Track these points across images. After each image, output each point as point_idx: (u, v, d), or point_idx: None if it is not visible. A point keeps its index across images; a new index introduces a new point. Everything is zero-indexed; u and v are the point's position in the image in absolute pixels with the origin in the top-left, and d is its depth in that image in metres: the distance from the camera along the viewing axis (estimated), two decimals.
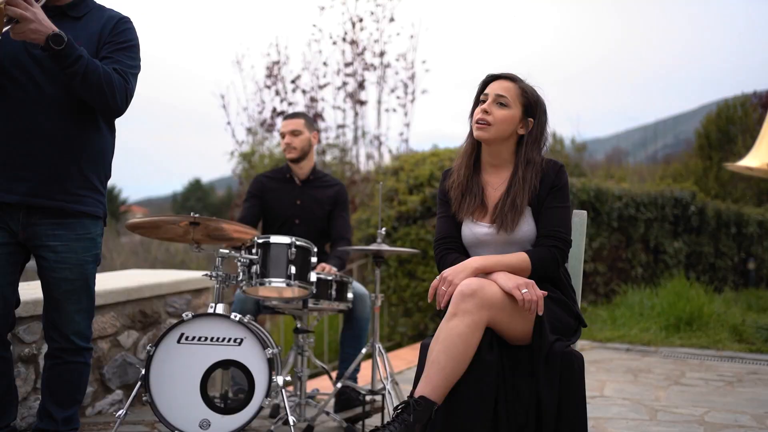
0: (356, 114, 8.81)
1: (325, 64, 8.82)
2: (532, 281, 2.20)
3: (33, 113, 2.43)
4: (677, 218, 9.27)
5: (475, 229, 2.42)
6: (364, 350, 3.49)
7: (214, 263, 3.16)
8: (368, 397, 3.47)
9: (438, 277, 2.29)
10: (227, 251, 3.14)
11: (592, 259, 8.08)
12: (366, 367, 3.90)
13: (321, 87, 8.87)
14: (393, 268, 6.70)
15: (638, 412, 3.92)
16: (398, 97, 8.78)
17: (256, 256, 3.13)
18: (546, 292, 2.21)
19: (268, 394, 2.89)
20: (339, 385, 3.43)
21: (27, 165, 2.44)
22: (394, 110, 8.81)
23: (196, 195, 41.33)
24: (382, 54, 8.74)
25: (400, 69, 8.78)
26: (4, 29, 2.26)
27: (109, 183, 2.72)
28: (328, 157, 8.99)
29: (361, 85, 8.74)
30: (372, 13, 8.70)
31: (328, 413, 3.39)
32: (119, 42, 2.55)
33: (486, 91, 2.41)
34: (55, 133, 2.45)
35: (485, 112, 2.37)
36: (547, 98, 2.47)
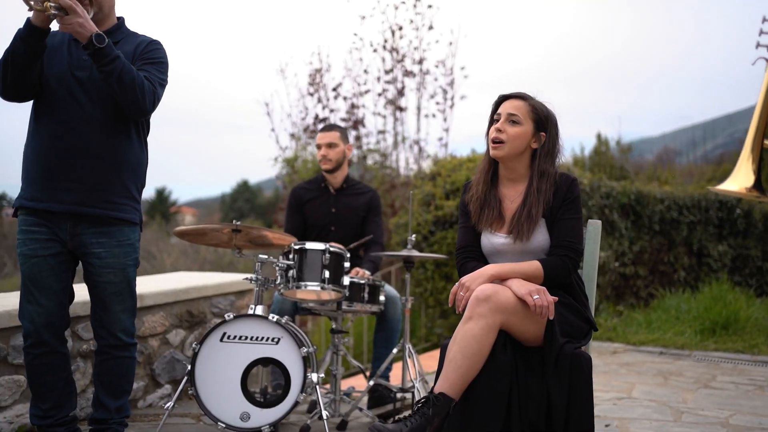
0: (396, 120, 9.01)
1: (365, 71, 9.04)
2: (544, 288, 2.37)
3: (78, 130, 2.68)
4: (722, 221, 9.18)
5: (492, 240, 2.60)
6: (395, 350, 3.69)
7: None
8: (399, 395, 3.67)
9: (457, 282, 2.48)
10: (266, 257, 3.38)
11: (632, 262, 8.10)
12: (398, 366, 4.10)
13: (362, 94, 9.09)
14: (430, 271, 6.87)
15: (663, 414, 4.02)
16: (437, 103, 8.94)
17: (292, 261, 3.35)
18: (557, 298, 2.38)
19: (303, 390, 3.11)
20: (371, 383, 3.63)
21: (73, 177, 2.69)
22: (434, 116, 8.98)
23: (243, 196, 42.01)
24: (421, 61, 8.91)
25: (439, 75, 8.96)
26: (54, 17, 2.50)
27: (160, 184, 3.03)
28: (369, 162, 9.20)
29: (400, 92, 8.93)
30: (411, 22, 8.88)
31: (361, 409, 3.60)
32: (149, 58, 2.81)
33: (499, 111, 2.59)
34: (97, 148, 2.71)
35: (499, 131, 2.54)
36: (590, 99, 2.65)
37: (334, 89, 9.12)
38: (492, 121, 2.62)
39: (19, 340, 3.11)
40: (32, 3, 2.47)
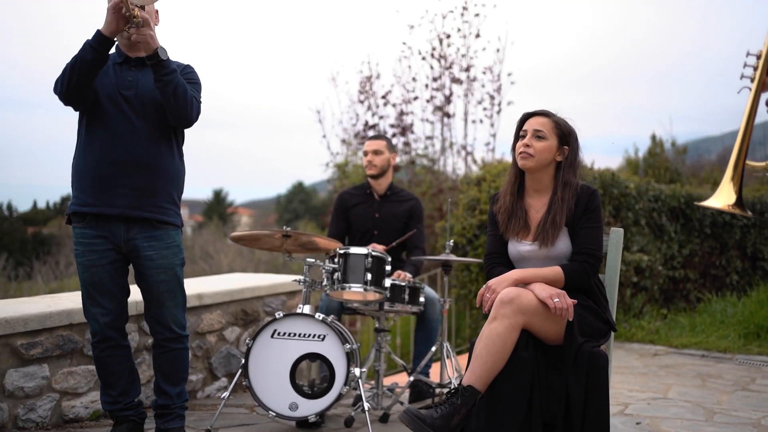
0: (443, 126, 9.24)
1: (414, 79, 9.29)
2: (564, 291, 2.58)
3: (127, 142, 2.99)
4: None
5: (519, 247, 2.82)
6: (433, 348, 3.93)
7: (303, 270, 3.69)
8: (437, 390, 3.91)
9: (484, 285, 2.71)
10: (313, 260, 3.66)
11: (682, 266, 8.09)
12: (438, 364, 4.33)
13: (410, 101, 9.33)
14: (474, 274, 7.07)
15: (696, 414, 4.15)
16: (485, 109, 9.12)
17: (337, 265, 3.62)
18: (575, 301, 2.58)
19: (346, 383, 3.38)
20: (411, 378, 3.88)
21: (124, 184, 2.99)
22: (481, 121, 9.16)
23: (299, 197, 42.66)
24: (468, 68, 9.11)
25: (486, 82, 9.14)
26: (133, 26, 2.82)
27: (217, 186, 3.32)
28: (417, 167, 9.45)
29: (448, 99, 9.14)
30: (459, 30, 9.09)
31: (402, 403, 3.85)
32: (189, 79, 3.11)
33: (524, 128, 2.81)
34: (145, 159, 3.01)
35: (527, 146, 2.76)
36: (645, 97, 2.86)
37: (383, 97, 9.39)
38: (517, 137, 2.84)
39: None
40: (124, 11, 2.78)
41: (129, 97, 3.00)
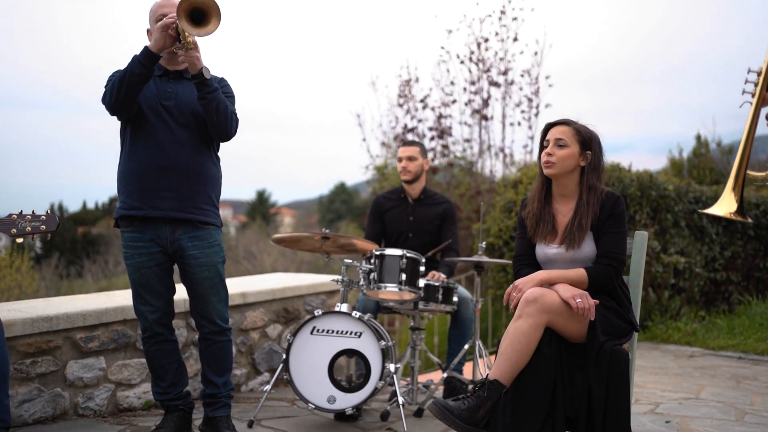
0: (481, 128, 9.35)
1: (452, 83, 9.43)
2: (586, 293, 2.71)
3: (169, 150, 3.20)
4: None
5: (546, 250, 2.95)
6: (466, 346, 4.08)
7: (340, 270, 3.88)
8: (470, 386, 4.06)
9: (511, 285, 2.86)
10: (350, 261, 3.85)
11: (724, 268, 8.05)
12: (471, 362, 4.48)
13: (448, 104, 9.47)
14: (510, 275, 7.17)
15: (726, 414, 4.20)
16: (523, 111, 9.21)
17: (373, 265, 3.80)
18: (597, 301, 2.71)
19: (381, 378, 3.55)
20: (445, 375, 4.04)
21: (168, 188, 3.20)
22: (519, 124, 9.25)
23: (341, 198, 43.02)
24: (506, 72, 9.21)
25: (524, 84, 9.23)
26: (178, 50, 3.05)
27: (260, 186, 3.53)
28: (455, 169, 9.58)
29: (486, 102, 9.26)
30: (497, 34, 9.19)
31: (435, 399, 4.00)
32: (225, 93, 3.32)
33: (547, 138, 2.94)
34: (187, 164, 3.22)
35: (549, 154, 2.90)
36: (690, 96, 2.98)
37: (422, 100, 9.55)
38: (542, 146, 2.98)
39: None
40: (171, 31, 3.01)
41: (170, 108, 3.21)
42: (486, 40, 9.21)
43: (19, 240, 2.80)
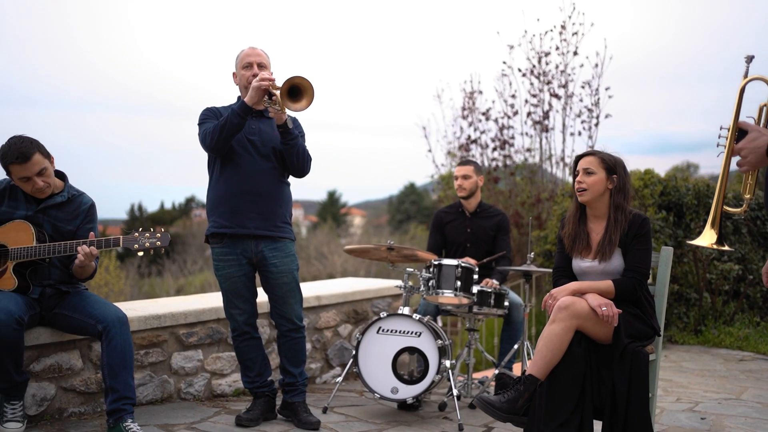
0: (542, 139, 9.72)
1: (513, 96, 9.82)
2: (611, 302, 3.15)
3: (253, 177, 3.75)
4: None
5: (581, 264, 3.41)
6: (516, 346, 4.55)
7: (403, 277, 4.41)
8: None
9: (548, 293, 3.33)
10: (412, 269, 4.38)
11: None
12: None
13: (511, 116, 9.87)
14: None
15: (763, 414, 4.46)
16: (583, 122, 9.50)
17: (432, 274, 4.31)
18: (620, 311, 3.15)
19: (438, 372, 4.06)
20: (496, 371, 4.51)
21: (253, 209, 3.75)
22: (579, 134, 9.56)
23: (410, 198, 43.36)
24: (566, 84, 9.54)
25: (584, 96, 9.52)
26: (269, 106, 3.57)
27: (331, 187, 4.12)
28: (517, 178, 9.97)
29: (546, 114, 9.61)
30: (557, 48, 9.53)
31: (488, 393, 4.48)
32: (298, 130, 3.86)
33: (577, 168, 3.40)
34: (268, 189, 3.78)
35: (580, 182, 3.36)
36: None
37: (484, 113, 9.98)
38: (574, 176, 3.43)
39: None
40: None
41: (254, 142, 3.78)
42: (547, 54, 9.55)
43: (140, 253, 3.43)
